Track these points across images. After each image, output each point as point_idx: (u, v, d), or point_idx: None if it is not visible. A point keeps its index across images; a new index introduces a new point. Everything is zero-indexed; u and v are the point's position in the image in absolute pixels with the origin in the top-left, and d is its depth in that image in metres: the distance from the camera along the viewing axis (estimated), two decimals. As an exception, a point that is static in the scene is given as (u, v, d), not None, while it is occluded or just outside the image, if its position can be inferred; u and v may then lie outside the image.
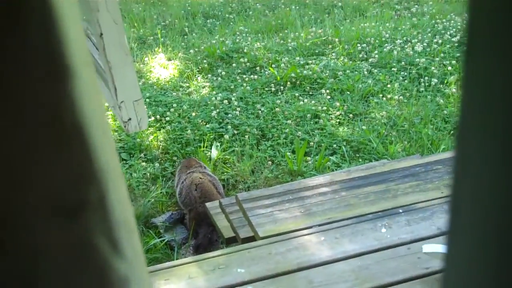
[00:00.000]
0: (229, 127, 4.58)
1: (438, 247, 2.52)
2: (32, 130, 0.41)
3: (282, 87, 5.22)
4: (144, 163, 4.21)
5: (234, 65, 5.67)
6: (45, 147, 0.41)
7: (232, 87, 5.26)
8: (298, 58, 5.76)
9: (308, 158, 4.22)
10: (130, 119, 1.50)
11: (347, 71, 5.47)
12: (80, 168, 0.45)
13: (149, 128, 4.60)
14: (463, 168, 0.40)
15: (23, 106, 0.40)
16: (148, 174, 4.11)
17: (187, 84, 5.39)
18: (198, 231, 3.60)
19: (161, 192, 3.94)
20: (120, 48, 1.37)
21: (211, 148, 4.33)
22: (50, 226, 0.44)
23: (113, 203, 0.48)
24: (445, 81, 5.28)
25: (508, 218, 0.36)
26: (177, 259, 3.40)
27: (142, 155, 4.31)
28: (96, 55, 1.76)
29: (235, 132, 4.54)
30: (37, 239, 0.44)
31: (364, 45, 6.01)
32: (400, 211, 2.83)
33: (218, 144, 4.39)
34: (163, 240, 3.55)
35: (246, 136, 4.46)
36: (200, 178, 3.75)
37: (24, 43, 0.38)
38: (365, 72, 5.46)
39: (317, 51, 5.97)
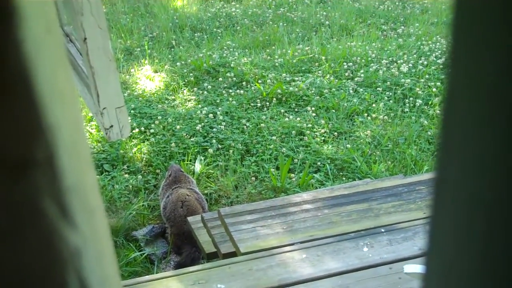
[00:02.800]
0: (214, 141, 4.56)
1: (420, 267, 2.51)
2: None
3: (268, 103, 5.22)
4: (126, 175, 4.17)
5: (220, 79, 5.66)
6: None
7: (218, 101, 5.25)
8: (284, 74, 5.77)
9: (292, 175, 4.20)
10: (112, 126, 1.47)
11: (333, 89, 5.49)
12: (25, 121, 0.40)
13: (133, 140, 4.57)
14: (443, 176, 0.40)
15: None
16: (131, 186, 4.07)
17: (173, 97, 5.36)
18: (181, 249, 3.56)
19: (143, 205, 3.90)
20: (103, 53, 1.35)
21: (195, 162, 4.30)
22: None
23: (64, 165, 0.44)
24: (430, 103, 5.31)
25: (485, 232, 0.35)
26: (157, 273, 3.36)
27: (125, 167, 4.27)
28: (80, 61, 1.74)
29: (220, 146, 4.52)
30: None
31: (350, 64, 6.04)
32: (382, 230, 2.82)
33: (202, 158, 4.37)
34: (143, 253, 3.50)
35: (231, 151, 4.44)
36: (187, 195, 3.70)
37: None
38: (351, 91, 5.48)
39: (303, 68, 5.98)
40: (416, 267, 2.52)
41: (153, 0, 8.06)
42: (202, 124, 4.78)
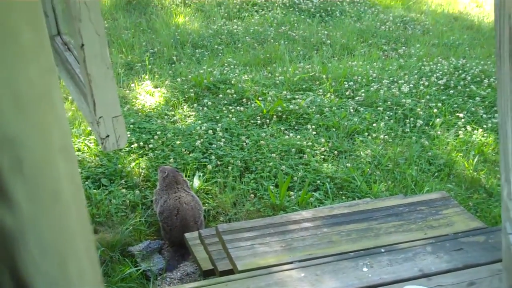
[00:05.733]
0: (213, 157, 4.52)
1: (420, 289, 2.47)
2: None
3: (268, 120, 5.19)
4: (124, 190, 4.13)
5: (220, 96, 5.64)
6: None
7: (218, 117, 5.22)
8: (285, 92, 5.75)
9: (291, 193, 4.16)
10: (108, 136, 1.44)
11: (334, 108, 5.47)
12: None
13: (131, 155, 4.54)
14: None
15: None
16: (128, 201, 4.02)
17: (173, 113, 5.34)
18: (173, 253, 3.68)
19: (139, 220, 3.85)
20: (101, 60, 1.33)
21: (193, 178, 4.26)
22: None
23: None
24: (431, 123, 5.29)
25: None
26: (152, 289, 3.31)
27: (122, 181, 4.23)
28: (78, 69, 1.71)
29: (219, 163, 4.49)
30: None
31: (351, 83, 6.03)
32: (382, 250, 2.78)
33: (201, 174, 4.33)
34: (139, 269, 3.45)
35: (230, 168, 4.40)
36: (185, 204, 3.70)
37: None
38: (351, 110, 5.46)
39: (304, 87, 5.97)
40: (416, 289, 2.48)
41: (155, 16, 8.07)
42: (202, 140, 4.74)
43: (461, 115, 5.40)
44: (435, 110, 5.45)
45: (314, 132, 5.01)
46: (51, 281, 0.42)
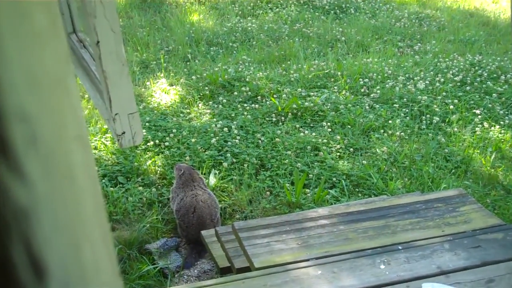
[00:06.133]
0: (228, 155, 4.52)
1: (438, 286, 2.45)
2: None
3: (283, 118, 5.18)
4: (141, 188, 4.14)
5: (235, 93, 5.64)
6: None
7: (233, 115, 5.22)
8: (300, 89, 5.74)
9: (307, 190, 4.15)
10: (124, 132, 1.44)
11: (349, 105, 5.45)
12: None
13: (148, 153, 4.55)
14: None
15: None
16: (144, 199, 4.04)
17: (188, 110, 5.35)
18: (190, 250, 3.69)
19: (156, 218, 3.87)
20: (116, 57, 1.33)
21: (209, 176, 4.26)
22: None
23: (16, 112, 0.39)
24: (447, 120, 5.25)
25: None
26: (170, 287, 3.32)
27: (139, 179, 4.25)
28: (93, 67, 1.72)
29: (234, 160, 4.49)
30: None
31: (366, 80, 6.00)
32: (399, 247, 2.76)
33: (217, 171, 4.33)
34: (156, 267, 3.46)
35: (245, 165, 4.40)
36: (201, 202, 3.70)
37: None
38: (367, 107, 5.44)
39: (319, 84, 5.95)
40: (434, 286, 2.46)
41: (170, 14, 8.09)
42: (217, 138, 4.75)
43: (477, 111, 5.35)
44: (451, 107, 5.41)
45: (330, 129, 4.99)
46: (65, 260, 0.42)
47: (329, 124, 5.08)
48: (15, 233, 0.39)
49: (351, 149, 4.72)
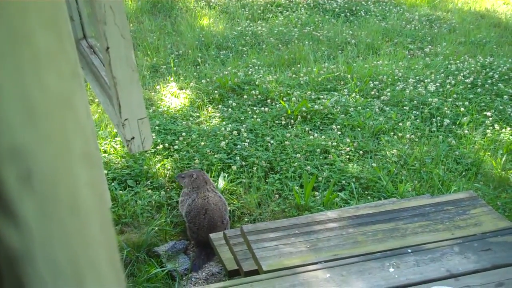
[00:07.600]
0: (238, 158, 4.53)
1: (448, 289, 2.44)
2: None
3: (292, 121, 5.18)
4: (150, 191, 4.16)
5: (245, 96, 5.65)
6: None
7: (242, 118, 5.23)
8: (309, 92, 5.74)
9: (316, 193, 4.15)
10: (133, 138, 1.45)
11: (359, 107, 5.44)
12: None
13: (157, 156, 4.57)
14: None
15: None
16: (153, 202, 4.05)
17: (197, 114, 5.36)
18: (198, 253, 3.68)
19: (165, 221, 3.88)
20: (126, 63, 1.33)
21: (218, 179, 4.27)
22: None
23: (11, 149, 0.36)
24: (458, 122, 5.23)
25: None
26: (178, 290, 3.33)
27: (148, 182, 4.26)
28: (103, 72, 1.73)
29: (243, 163, 4.49)
30: None
31: (377, 82, 5.99)
32: (409, 251, 2.75)
33: (226, 175, 4.34)
34: (165, 269, 3.47)
35: (254, 168, 4.40)
36: (213, 204, 3.72)
37: None
38: (377, 110, 5.43)
39: (329, 87, 5.95)
40: (443, 289, 2.45)
41: (180, 19, 8.12)
42: (226, 141, 4.76)
43: (488, 113, 5.32)
44: (462, 109, 5.38)
45: (339, 132, 4.99)
46: None
47: (338, 127, 5.07)
48: (8, 280, 0.37)
49: (361, 152, 4.71)
